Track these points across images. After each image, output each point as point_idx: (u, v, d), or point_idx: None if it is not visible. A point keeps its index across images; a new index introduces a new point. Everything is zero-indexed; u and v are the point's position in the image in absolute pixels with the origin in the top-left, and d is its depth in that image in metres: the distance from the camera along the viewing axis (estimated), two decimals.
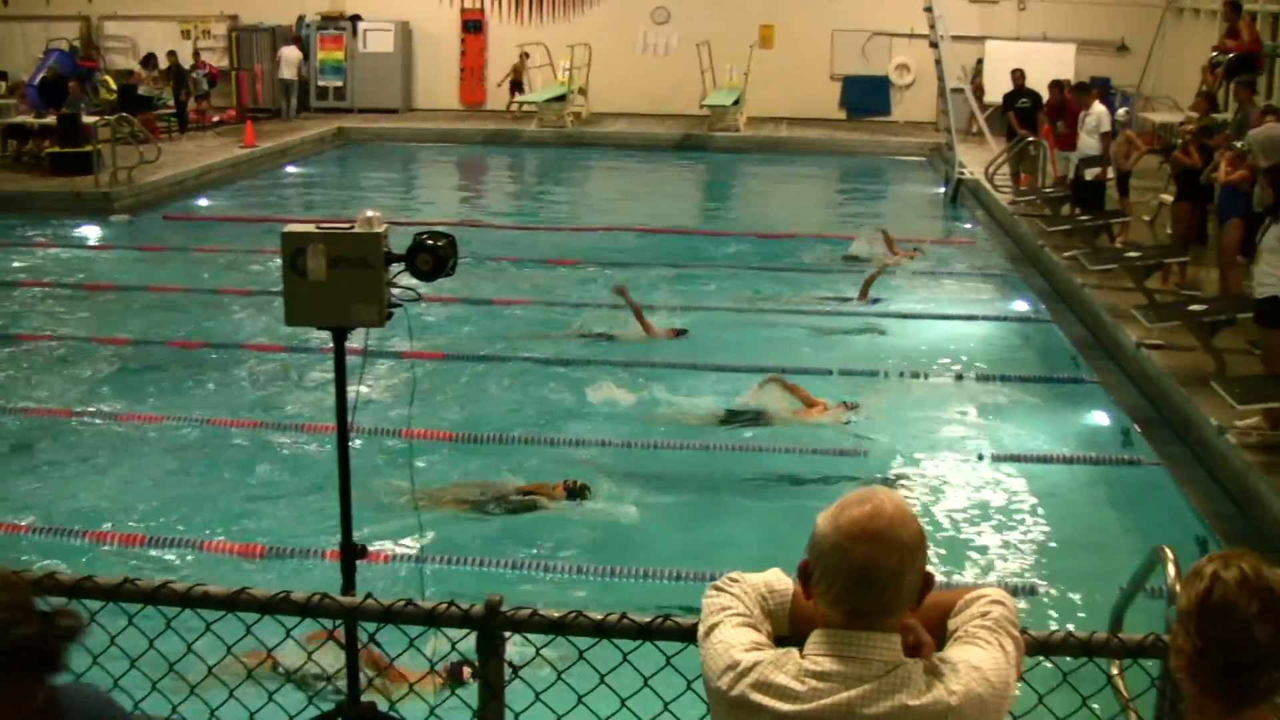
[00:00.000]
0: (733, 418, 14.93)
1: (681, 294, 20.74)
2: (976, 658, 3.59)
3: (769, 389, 15.19)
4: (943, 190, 31.90)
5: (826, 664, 3.49)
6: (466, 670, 11.67)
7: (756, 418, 14.91)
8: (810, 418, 14.63)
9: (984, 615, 3.74)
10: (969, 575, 11.25)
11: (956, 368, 17.08)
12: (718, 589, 3.84)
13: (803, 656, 3.53)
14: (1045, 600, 10.95)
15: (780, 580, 3.85)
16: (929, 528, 11.97)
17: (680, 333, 18.28)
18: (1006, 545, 12.04)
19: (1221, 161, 19.01)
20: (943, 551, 11.72)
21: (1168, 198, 22.28)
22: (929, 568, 3.59)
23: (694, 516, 12.63)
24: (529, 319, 19.38)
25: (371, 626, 4.99)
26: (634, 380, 16.18)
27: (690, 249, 24.52)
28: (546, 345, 17.83)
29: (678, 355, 17.35)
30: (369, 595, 4.78)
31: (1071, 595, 11.07)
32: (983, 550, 11.91)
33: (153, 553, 11.44)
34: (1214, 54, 28.42)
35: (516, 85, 39.93)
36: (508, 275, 22.09)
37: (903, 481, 13.27)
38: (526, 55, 40.11)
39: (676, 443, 14.18)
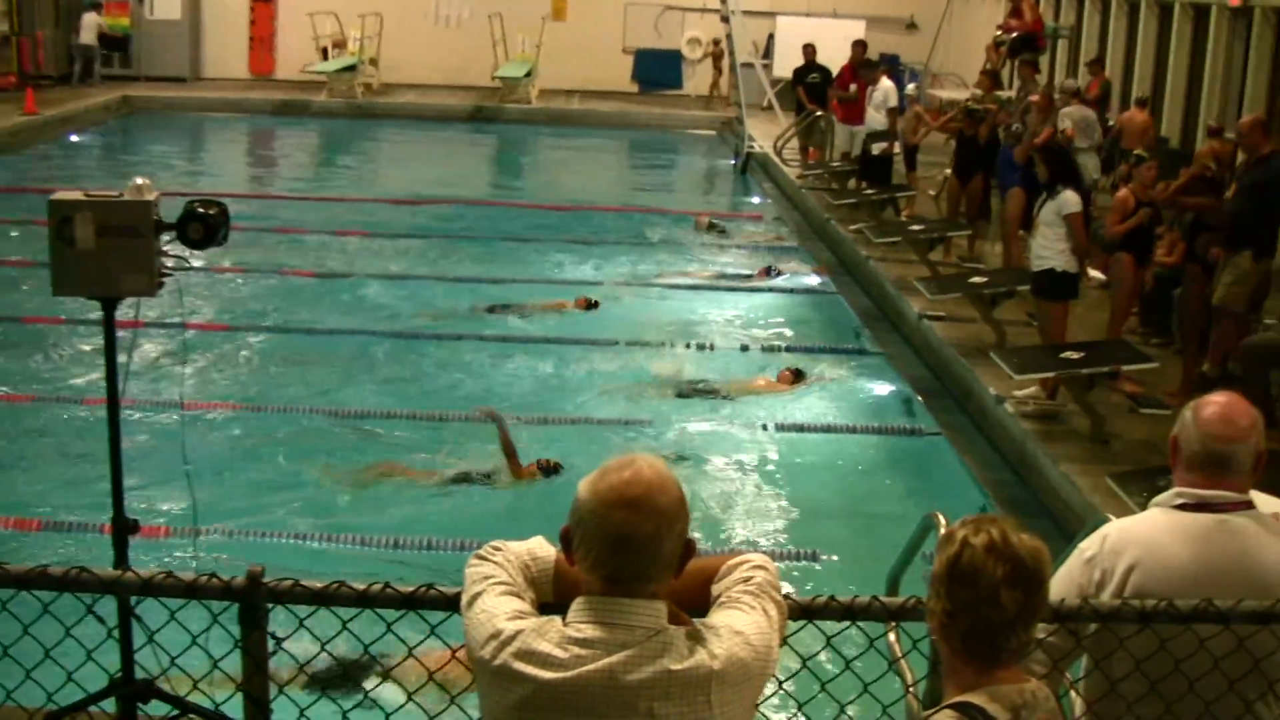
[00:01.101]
0: None
1: (472, 267, 20.60)
2: (739, 622, 3.57)
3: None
4: (733, 163, 32.08)
5: (589, 631, 3.45)
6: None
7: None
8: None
9: (747, 580, 3.73)
10: (752, 544, 11.30)
11: (743, 339, 17.16)
12: (480, 558, 3.78)
13: (565, 624, 3.49)
14: (827, 567, 11.05)
15: (543, 548, 3.81)
16: (714, 498, 12.08)
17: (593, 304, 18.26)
18: (790, 513, 12.13)
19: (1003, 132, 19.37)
20: (726, 520, 11.78)
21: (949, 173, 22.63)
22: (693, 534, 3.57)
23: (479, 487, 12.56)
24: (316, 290, 19.10)
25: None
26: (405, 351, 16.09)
27: (482, 220, 24.38)
28: (333, 316, 17.59)
29: (469, 328, 17.25)
30: (128, 568, 4.64)
31: (853, 562, 11.17)
32: (766, 518, 11.98)
33: None
34: (998, 33, 28.90)
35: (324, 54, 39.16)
36: (295, 246, 21.75)
37: (688, 451, 13.29)
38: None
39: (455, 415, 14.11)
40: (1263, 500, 5.07)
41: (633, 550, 3.46)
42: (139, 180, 6.47)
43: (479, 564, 3.76)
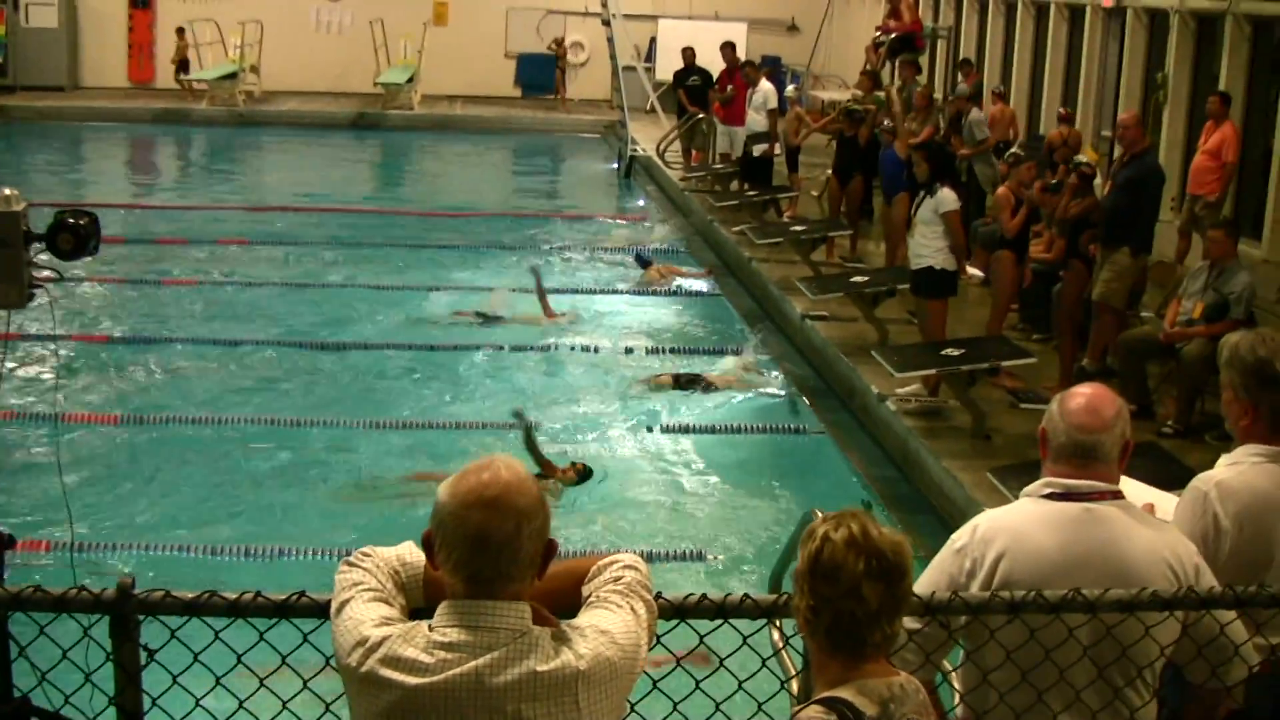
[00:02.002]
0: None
1: (356, 274, 20.51)
2: (605, 621, 3.59)
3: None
4: (616, 167, 32.13)
5: (454, 634, 3.46)
6: None
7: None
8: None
9: (616, 580, 3.75)
10: (639, 546, 11.30)
11: (628, 341, 17.17)
12: (350, 564, 3.78)
13: (431, 629, 3.50)
14: (712, 566, 11.09)
15: (413, 553, 3.81)
16: (598, 500, 12.09)
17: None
18: (675, 514, 12.17)
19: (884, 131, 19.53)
20: (610, 522, 11.79)
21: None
22: (561, 536, 3.58)
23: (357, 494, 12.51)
24: (196, 299, 18.91)
25: None
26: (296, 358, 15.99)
27: (366, 227, 24.23)
28: (214, 326, 17.42)
29: (354, 335, 17.16)
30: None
31: (738, 561, 11.24)
32: (651, 520, 12.01)
33: None
34: (877, 34, 29.13)
35: (184, 65, 38.72)
36: (175, 255, 21.52)
37: (574, 454, 13.29)
38: (182, 31, 38.79)
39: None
40: (1135, 488, 5.14)
41: (492, 550, 3.47)
42: (6, 191, 6.36)
43: (348, 571, 3.75)
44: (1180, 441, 12.27)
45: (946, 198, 13.93)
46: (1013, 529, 4.49)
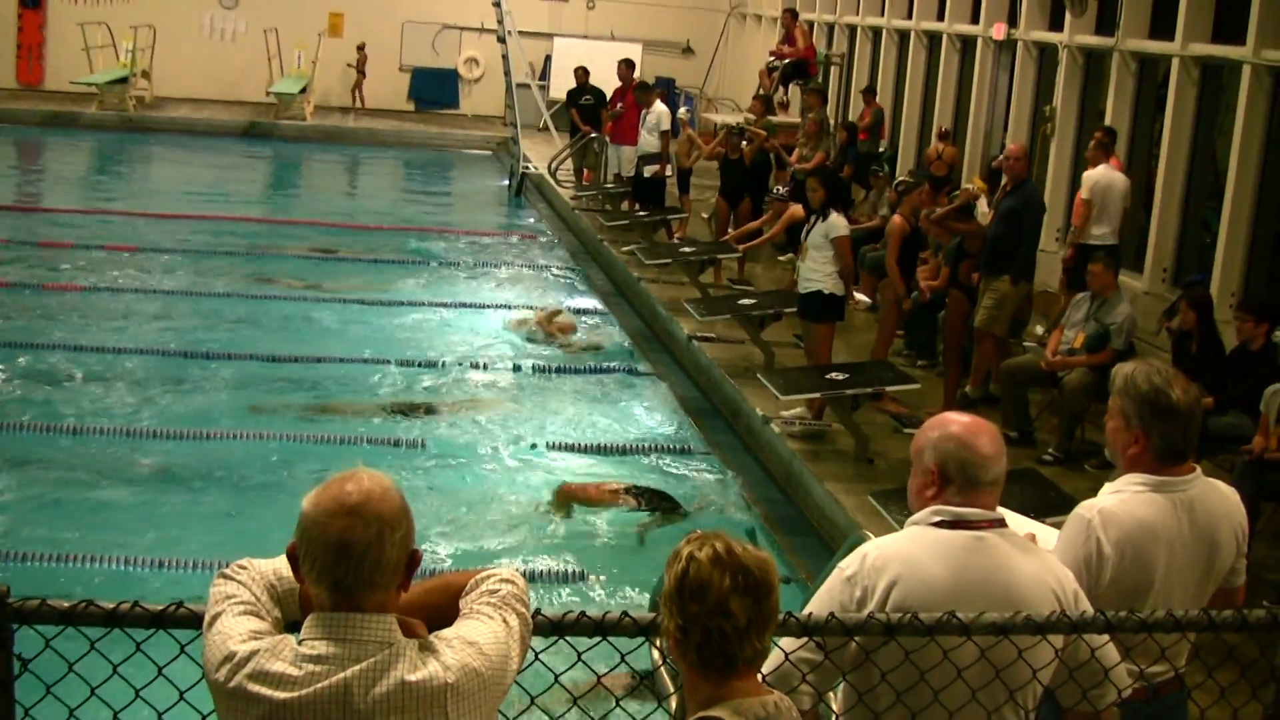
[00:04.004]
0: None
1: (243, 283, 20.37)
2: (473, 632, 3.59)
3: None
4: (507, 184, 32.10)
5: (322, 647, 3.45)
6: None
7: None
8: None
9: (492, 593, 3.76)
10: (517, 564, 11.29)
11: (515, 359, 17.15)
12: (225, 577, 3.75)
13: (299, 642, 3.49)
14: (595, 587, 11.08)
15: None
16: (479, 518, 12.07)
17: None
18: (559, 534, 12.13)
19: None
20: (492, 541, 11.76)
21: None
22: (439, 554, 3.59)
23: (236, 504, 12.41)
24: (80, 306, 18.69)
25: None
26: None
27: (254, 236, 24.07)
28: (98, 333, 17.23)
29: (239, 345, 17.03)
30: None
31: (621, 581, 11.22)
32: (533, 539, 11.96)
33: None
34: (771, 59, 29.34)
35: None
36: (59, 260, 21.26)
37: (454, 470, 13.26)
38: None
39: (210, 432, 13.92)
40: (1013, 518, 5.20)
41: (355, 557, 3.47)
42: None
43: (222, 583, 3.73)
44: (1060, 469, 12.45)
45: (837, 224, 14.04)
46: (904, 557, 4.51)
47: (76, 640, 4.34)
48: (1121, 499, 5.22)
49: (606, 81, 27.61)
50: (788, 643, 4.31)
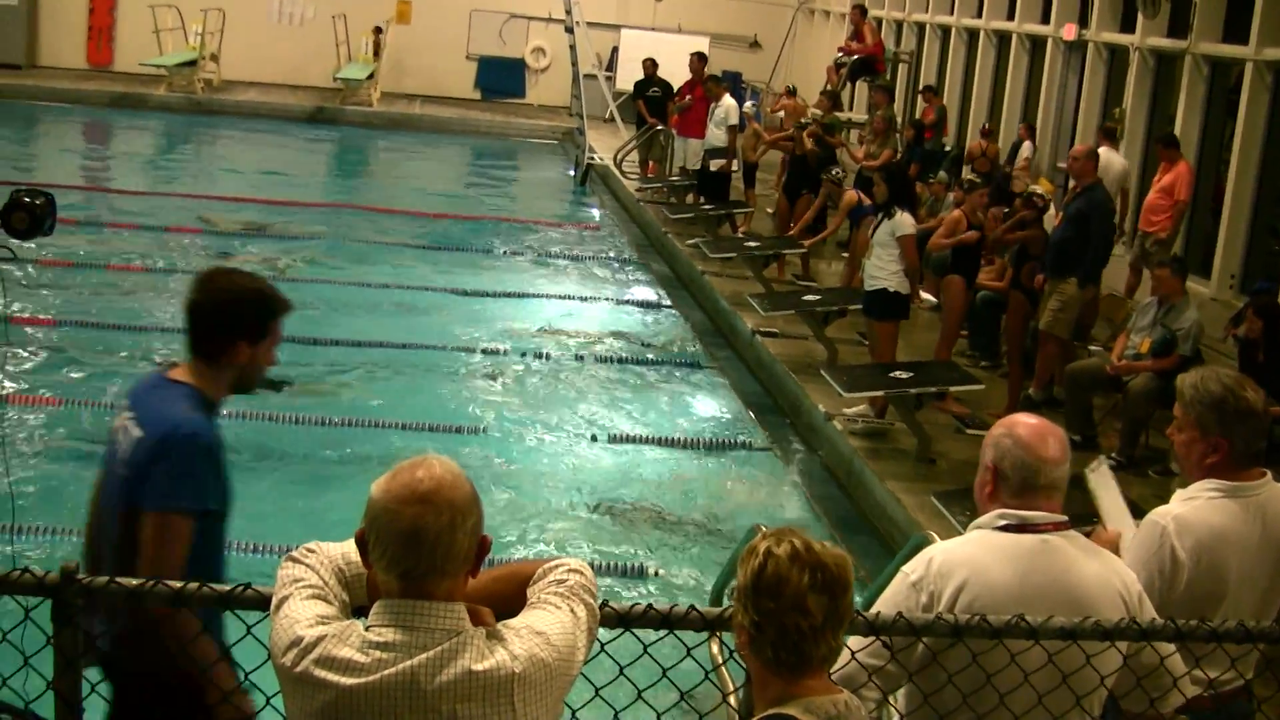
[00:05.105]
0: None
1: (307, 268, 20.44)
2: (541, 622, 3.59)
3: None
4: (572, 174, 32.12)
5: (389, 634, 3.46)
6: None
7: None
8: None
9: (560, 583, 3.76)
10: (580, 557, 11.28)
11: (578, 349, 17.15)
12: (293, 560, 3.76)
13: (366, 628, 3.49)
14: (655, 580, 11.07)
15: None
16: (542, 509, 12.07)
17: None
18: (618, 526, 12.13)
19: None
20: (553, 531, 11.76)
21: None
22: (513, 545, 3.59)
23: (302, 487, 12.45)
24: (143, 285, 18.79)
25: None
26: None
27: (319, 221, 24.14)
28: (160, 313, 17.29)
29: (300, 329, 17.05)
30: None
31: (682, 575, 11.22)
32: (594, 531, 11.97)
33: None
34: (839, 55, 29.26)
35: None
36: (125, 240, 21.40)
37: (518, 460, 13.27)
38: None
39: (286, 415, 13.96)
40: (1115, 508, 5.18)
41: (427, 545, 3.47)
42: None
43: (291, 566, 3.74)
44: (1123, 474, 12.32)
45: (903, 221, 13.99)
46: (970, 561, 4.49)
47: None
48: (1195, 505, 5.18)
49: (673, 74, 27.60)
50: (855, 642, 4.29)
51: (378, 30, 39.41)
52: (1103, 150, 17.27)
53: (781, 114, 27.30)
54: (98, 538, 5.39)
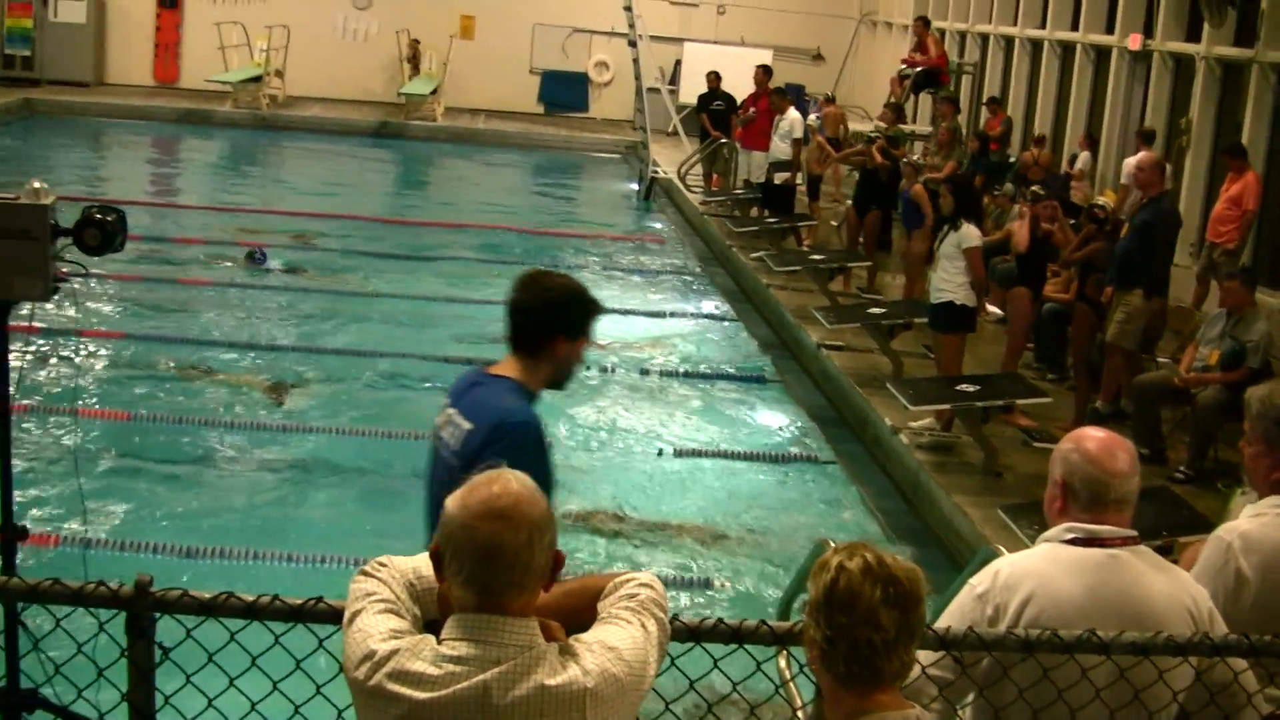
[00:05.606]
0: None
1: (373, 281, 20.56)
2: (613, 637, 3.60)
3: None
4: (636, 188, 32.15)
5: (462, 648, 3.47)
6: None
7: None
8: None
9: (631, 597, 3.76)
10: (643, 569, 11.28)
11: (642, 363, 17.17)
12: (365, 574, 3.78)
13: (440, 642, 3.51)
14: (721, 593, 11.07)
15: (430, 564, 3.80)
16: (608, 521, 12.08)
17: None
18: (684, 539, 12.13)
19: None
20: (620, 544, 11.77)
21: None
22: (586, 561, 3.60)
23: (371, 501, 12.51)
24: (212, 300, 18.93)
25: None
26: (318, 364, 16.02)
27: (381, 235, 24.28)
28: (228, 328, 17.44)
29: (362, 343, 17.17)
30: (15, 575, 4.59)
31: (747, 588, 11.21)
32: (660, 544, 11.97)
33: None
34: (902, 67, 29.20)
35: None
36: (193, 255, 21.56)
37: (584, 474, 13.29)
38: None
39: (358, 429, 14.03)
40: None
41: (504, 561, 3.48)
42: (36, 183, 6.40)
43: (363, 580, 3.76)
44: (1191, 487, 12.26)
45: (969, 234, 13.94)
46: (1037, 574, 4.46)
47: (217, 631, 4.41)
48: (1263, 522, 5.13)
49: (737, 87, 27.60)
50: (924, 657, 4.28)
51: (415, 42, 39.63)
52: (1140, 154, 17.40)
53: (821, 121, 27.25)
54: (430, 531, 5.61)
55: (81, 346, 15.77)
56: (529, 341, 5.66)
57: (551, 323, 5.64)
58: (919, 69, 28.13)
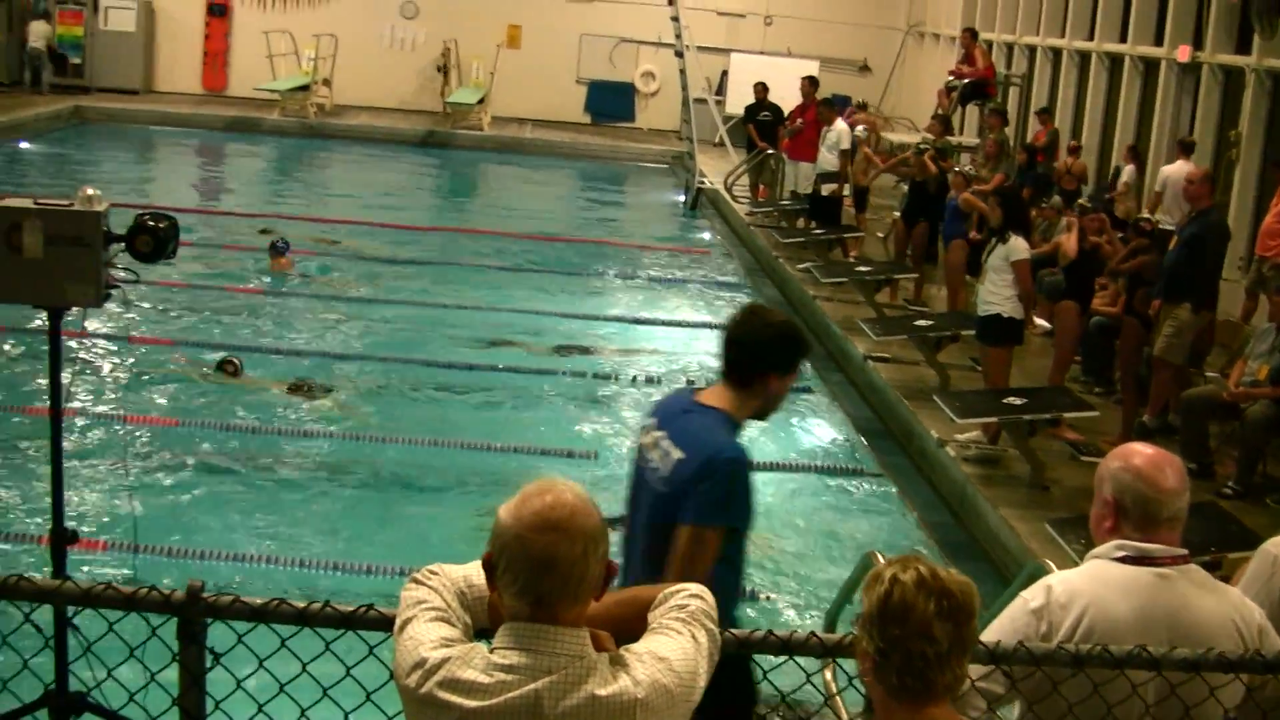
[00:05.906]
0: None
1: (420, 291, 20.62)
2: (664, 648, 3.60)
3: None
4: (682, 198, 32.16)
5: (514, 657, 3.48)
6: None
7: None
8: None
9: (681, 607, 3.77)
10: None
11: (688, 374, 17.16)
12: (416, 582, 3.79)
13: (491, 650, 3.52)
14: (767, 606, 11.05)
15: (480, 573, 3.80)
16: None
17: None
18: None
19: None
20: None
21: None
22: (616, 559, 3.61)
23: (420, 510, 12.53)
24: (261, 308, 19.03)
25: None
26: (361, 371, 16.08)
27: (431, 244, 24.35)
28: (277, 335, 17.52)
29: (414, 352, 17.22)
30: (67, 578, 4.62)
31: (794, 600, 11.20)
32: None
33: None
34: (950, 78, 29.13)
35: None
36: (242, 263, 21.66)
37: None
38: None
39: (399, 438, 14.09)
40: None
41: (559, 573, 3.48)
42: (89, 190, 6.46)
43: (414, 588, 3.77)
44: (1240, 503, 12.19)
45: (1017, 246, 13.89)
46: (1090, 593, 4.45)
47: (268, 637, 4.44)
48: None
49: (784, 98, 27.59)
50: (972, 670, 4.27)
51: (447, 51, 39.76)
52: (1175, 165, 18.09)
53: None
54: (628, 546, 5.99)
55: (130, 352, 15.84)
56: (742, 374, 5.76)
57: (765, 358, 5.73)
58: (966, 80, 28.06)
